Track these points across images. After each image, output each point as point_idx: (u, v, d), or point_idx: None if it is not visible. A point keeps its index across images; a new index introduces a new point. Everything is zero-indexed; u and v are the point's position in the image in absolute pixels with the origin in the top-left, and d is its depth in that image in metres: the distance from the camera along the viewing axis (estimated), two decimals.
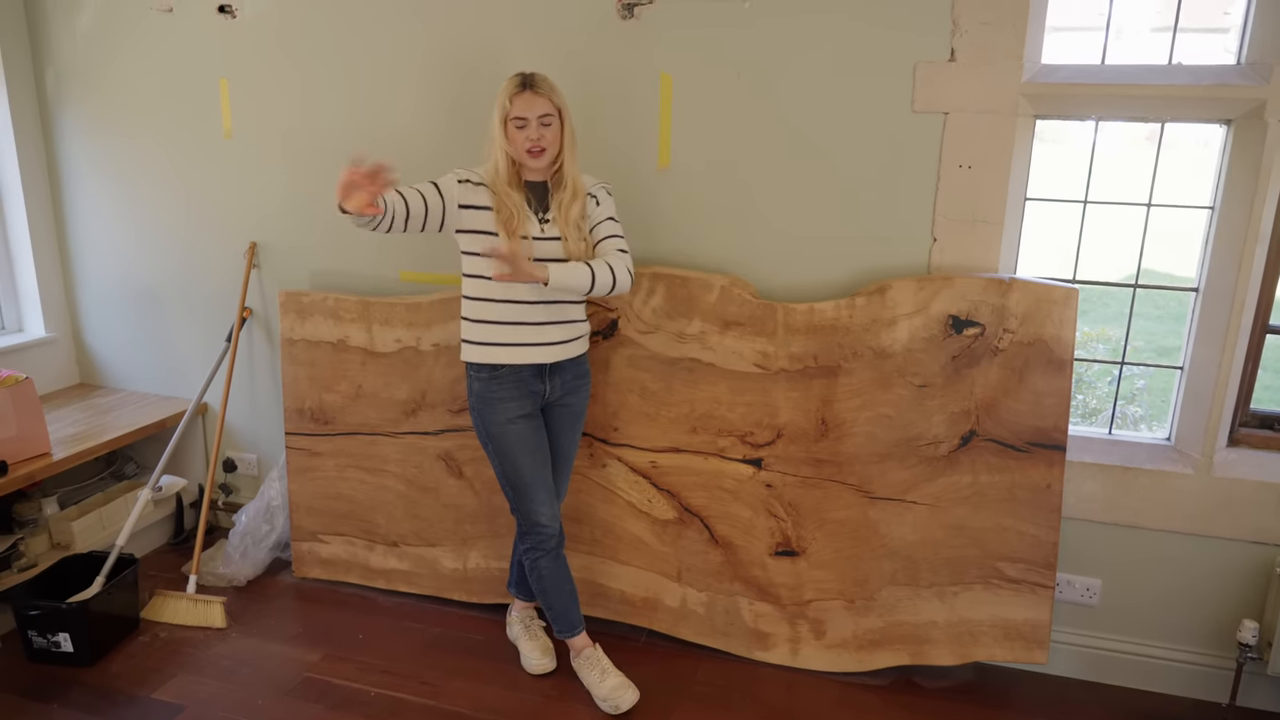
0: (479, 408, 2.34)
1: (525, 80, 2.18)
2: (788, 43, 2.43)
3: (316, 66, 2.86)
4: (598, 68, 2.60)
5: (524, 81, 2.17)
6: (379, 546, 2.96)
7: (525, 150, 2.18)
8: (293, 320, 2.91)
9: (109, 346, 3.42)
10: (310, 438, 2.96)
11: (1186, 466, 2.44)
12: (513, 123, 2.17)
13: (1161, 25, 2.32)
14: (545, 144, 2.19)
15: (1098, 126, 2.40)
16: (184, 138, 3.07)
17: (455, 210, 2.24)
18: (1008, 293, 2.34)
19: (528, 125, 2.17)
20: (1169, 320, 6.60)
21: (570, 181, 2.25)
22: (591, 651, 2.48)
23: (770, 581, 2.60)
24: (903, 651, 2.54)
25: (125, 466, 3.35)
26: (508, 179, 2.22)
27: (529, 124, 2.17)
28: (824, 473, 2.52)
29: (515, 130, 2.18)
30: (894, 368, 2.43)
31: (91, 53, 3.10)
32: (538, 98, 2.17)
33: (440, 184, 2.24)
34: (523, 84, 2.17)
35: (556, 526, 2.40)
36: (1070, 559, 2.55)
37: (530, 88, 2.17)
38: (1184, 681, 2.54)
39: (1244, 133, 2.25)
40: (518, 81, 2.18)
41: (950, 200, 2.41)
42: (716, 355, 2.55)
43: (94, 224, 3.29)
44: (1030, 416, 2.37)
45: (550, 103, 2.19)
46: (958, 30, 2.30)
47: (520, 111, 2.16)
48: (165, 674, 2.55)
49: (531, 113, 2.16)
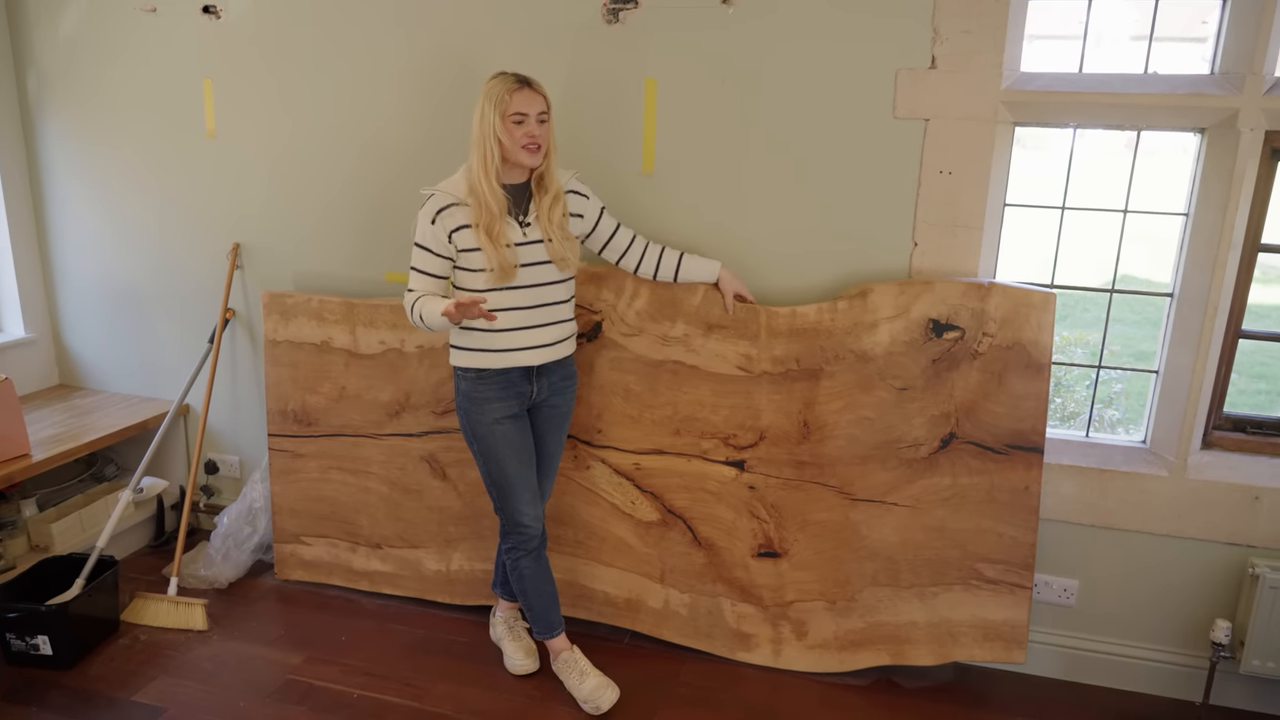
0: (466, 407, 2.35)
1: (522, 78, 2.19)
2: (771, 48, 2.46)
3: (301, 66, 2.86)
4: (582, 72, 2.61)
5: (521, 79, 2.19)
6: (362, 548, 2.95)
7: (522, 145, 2.19)
8: (276, 321, 2.91)
9: (90, 347, 3.40)
10: (293, 439, 2.95)
11: (1161, 469, 2.48)
12: (511, 119, 2.18)
13: (1140, 34, 2.36)
14: (542, 140, 2.21)
15: (1075, 134, 2.44)
16: (167, 138, 3.06)
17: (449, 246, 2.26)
18: (987, 297, 2.37)
19: (527, 121, 2.18)
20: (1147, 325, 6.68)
21: (554, 185, 2.27)
22: (569, 654, 2.49)
23: (753, 583, 2.62)
24: (883, 652, 2.56)
25: (106, 468, 3.33)
26: (488, 180, 2.21)
27: (528, 120, 2.18)
28: (806, 475, 2.54)
29: (514, 125, 2.18)
30: (875, 371, 2.45)
31: (74, 52, 3.09)
32: (536, 95, 2.19)
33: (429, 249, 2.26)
34: (520, 81, 2.19)
35: (539, 527, 2.41)
36: (1048, 560, 2.58)
37: (528, 85, 2.19)
38: (1159, 680, 2.58)
39: (1217, 141, 2.29)
40: (514, 78, 2.18)
41: (931, 205, 2.44)
42: (700, 358, 2.57)
43: (75, 224, 3.27)
44: (1009, 419, 2.41)
45: (546, 101, 2.22)
46: (939, 38, 2.33)
47: (521, 107, 2.17)
48: (146, 677, 2.54)
49: (532, 109, 2.18)
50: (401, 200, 2.81)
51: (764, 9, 2.43)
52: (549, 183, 2.27)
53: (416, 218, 2.27)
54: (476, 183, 2.21)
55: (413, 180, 2.74)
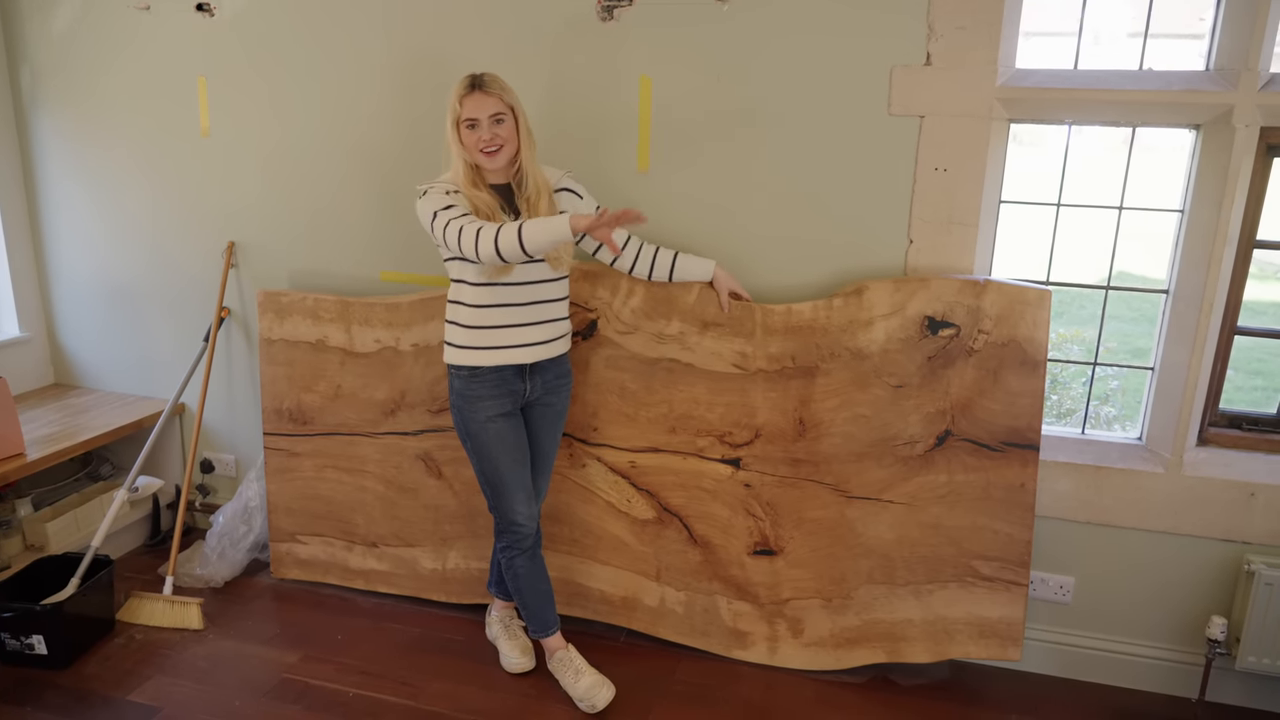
0: (459, 405, 2.35)
1: (474, 81, 2.16)
2: (765, 44, 2.45)
3: (296, 64, 2.85)
4: (576, 70, 2.60)
5: (473, 82, 2.16)
6: (358, 547, 2.95)
7: (479, 151, 2.17)
8: (271, 320, 2.90)
9: (85, 346, 3.39)
10: (289, 438, 2.95)
11: (1157, 465, 2.48)
12: (464, 125, 2.16)
13: (1137, 31, 2.36)
14: (501, 141, 2.18)
15: (1071, 130, 2.44)
16: (161, 136, 3.05)
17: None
18: (982, 294, 2.37)
19: (479, 125, 2.16)
20: (1143, 322, 6.68)
21: (532, 179, 2.25)
22: (565, 653, 2.49)
23: (748, 580, 2.62)
24: (879, 649, 2.56)
25: (101, 467, 3.32)
26: (472, 182, 2.21)
27: (480, 124, 2.16)
28: (801, 472, 2.54)
29: (468, 131, 2.17)
30: (871, 368, 2.45)
31: (68, 50, 3.08)
32: (488, 97, 2.15)
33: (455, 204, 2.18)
34: (471, 85, 2.16)
35: (534, 526, 2.40)
36: (1044, 557, 2.58)
37: (479, 88, 2.15)
38: (1155, 677, 2.58)
39: (1212, 137, 2.29)
40: (466, 83, 2.16)
41: (926, 202, 2.44)
42: (695, 356, 2.57)
43: (70, 222, 3.26)
44: (1005, 416, 2.40)
45: (501, 101, 2.17)
46: (933, 34, 2.33)
47: (471, 113, 2.15)
48: (141, 676, 2.53)
49: (482, 113, 2.15)
50: (398, 198, 2.80)
51: (759, 2, 2.43)
52: (525, 178, 2.25)
53: (423, 204, 2.21)
54: (463, 188, 2.21)
55: (408, 178, 2.73)
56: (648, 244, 2.50)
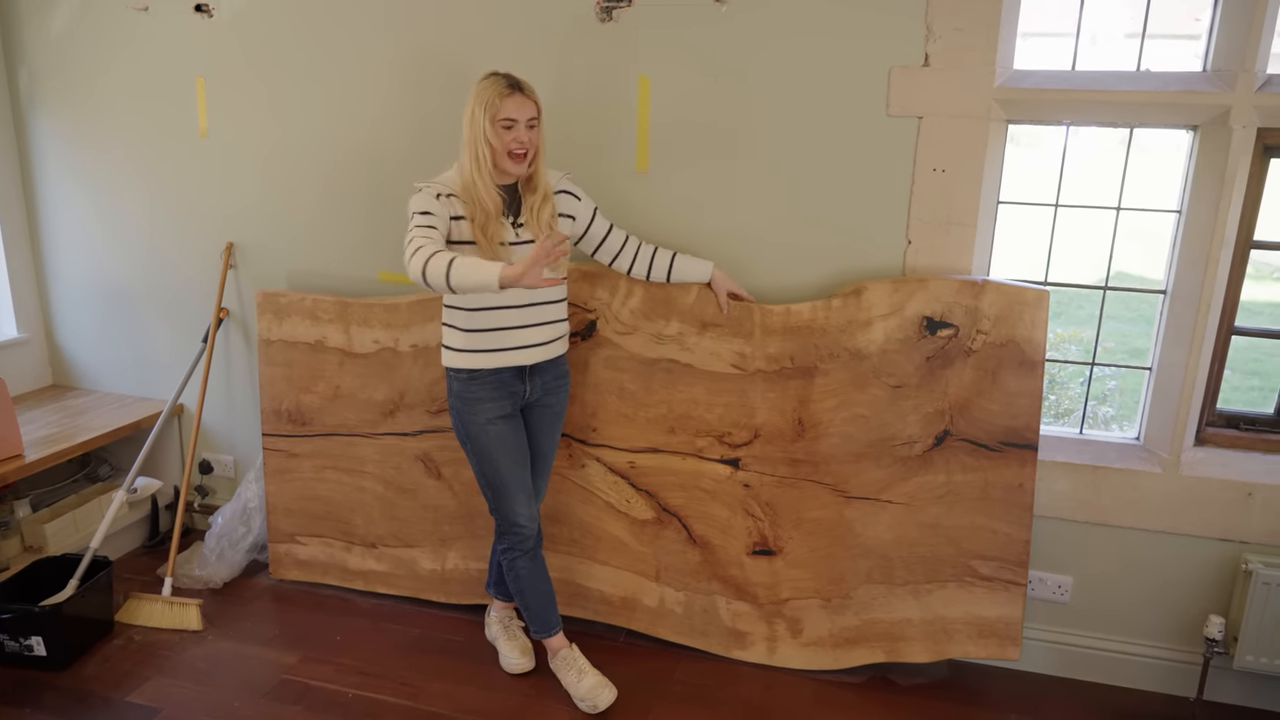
0: (459, 408, 2.35)
1: (513, 82, 2.16)
2: (764, 45, 2.46)
3: (294, 65, 2.85)
4: (575, 70, 2.61)
5: (513, 83, 2.16)
6: (357, 548, 2.95)
7: (509, 152, 2.17)
8: (270, 321, 2.90)
9: (83, 347, 3.39)
10: (288, 439, 2.95)
11: (1155, 465, 2.48)
12: (500, 124, 2.16)
13: (1134, 31, 2.37)
14: (532, 146, 2.19)
15: (1069, 131, 2.44)
16: (160, 137, 3.05)
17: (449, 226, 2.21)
18: (981, 294, 2.37)
19: (515, 127, 2.16)
20: (1141, 322, 6.69)
21: (541, 184, 2.26)
22: (568, 652, 2.49)
23: (747, 580, 2.62)
24: (878, 649, 2.56)
25: (99, 468, 3.32)
26: (490, 176, 2.19)
27: (517, 125, 2.16)
28: (800, 472, 2.55)
29: (503, 130, 2.16)
30: (869, 368, 2.46)
31: (66, 51, 3.08)
32: (527, 100, 2.17)
33: (433, 213, 2.16)
34: (512, 85, 2.16)
35: (534, 527, 2.41)
36: (1042, 557, 2.58)
37: (520, 90, 2.16)
38: (1153, 676, 2.59)
39: (1209, 138, 2.30)
40: (506, 82, 2.15)
41: (924, 203, 2.45)
42: (694, 356, 2.57)
43: (68, 223, 3.25)
44: (1003, 416, 2.41)
45: (536, 106, 2.19)
46: (931, 35, 2.34)
47: (511, 113, 2.15)
48: (140, 677, 2.53)
49: (521, 115, 2.16)
50: (396, 198, 2.80)
51: (757, 4, 2.43)
52: (537, 183, 2.26)
53: (410, 202, 2.20)
54: (471, 183, 2.19)
55: (407, 178, 2.72)
56: (646, 244, 2.50)
